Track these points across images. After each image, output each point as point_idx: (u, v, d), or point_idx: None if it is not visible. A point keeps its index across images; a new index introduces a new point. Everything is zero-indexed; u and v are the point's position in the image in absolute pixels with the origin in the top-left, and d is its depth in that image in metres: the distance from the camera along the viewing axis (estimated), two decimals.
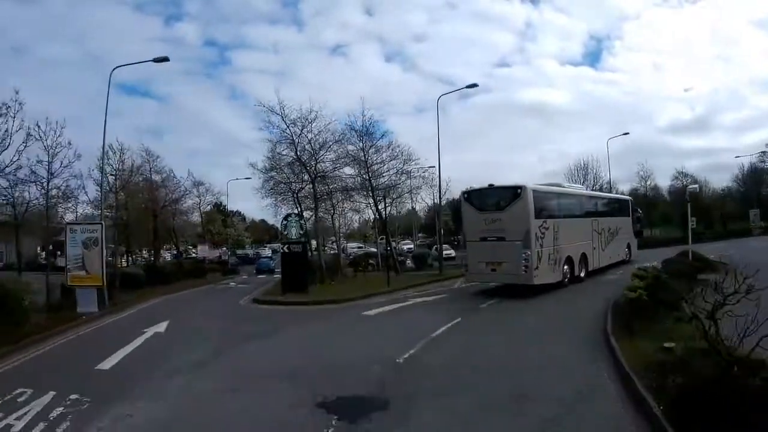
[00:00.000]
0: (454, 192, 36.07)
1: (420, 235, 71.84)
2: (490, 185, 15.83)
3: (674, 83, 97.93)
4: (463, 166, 70.17)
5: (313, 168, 23.56)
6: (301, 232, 20.06)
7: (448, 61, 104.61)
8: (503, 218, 14.79)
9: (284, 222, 20.41)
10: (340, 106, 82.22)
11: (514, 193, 14.79)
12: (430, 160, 28.28)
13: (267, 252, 56.90)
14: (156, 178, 33.76)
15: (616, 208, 21.90)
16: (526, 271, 14.37)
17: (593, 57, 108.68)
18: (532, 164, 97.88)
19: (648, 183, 47.36)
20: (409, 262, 33.37)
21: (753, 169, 49.76)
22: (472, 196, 16.14)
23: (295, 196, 26.09)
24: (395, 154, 25.90)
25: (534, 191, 14.97)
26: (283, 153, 24.10)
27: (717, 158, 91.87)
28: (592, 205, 19.73)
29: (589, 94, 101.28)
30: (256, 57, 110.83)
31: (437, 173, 27.59)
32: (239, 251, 58.59)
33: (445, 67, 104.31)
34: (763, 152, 47.80)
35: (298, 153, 23.30)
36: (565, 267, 16.08)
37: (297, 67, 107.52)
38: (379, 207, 26.77)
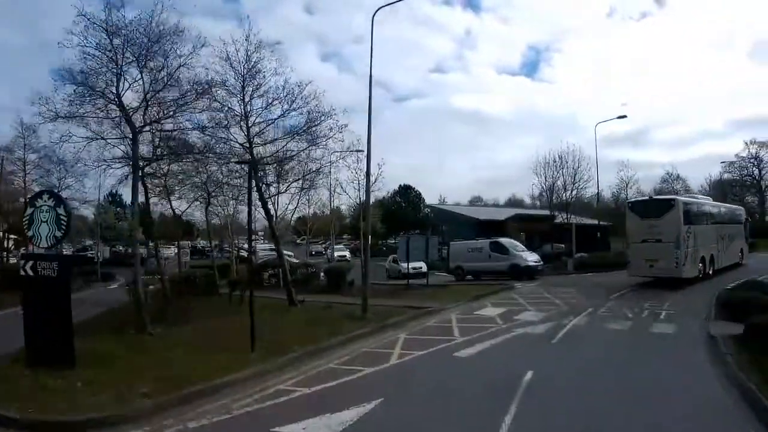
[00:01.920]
0: (383, 189, 29.78)
1: (345, 236, 62.80)
2: (650, 197, 22.80)
3: (612, 97, 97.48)
4: (394, 169, 69.39)
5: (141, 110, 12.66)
6: (59, 233, 8.96)
7: (385, 64, 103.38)
8: (660, 224, 17.65)
9: (30, 210, 9.25)
10: None
11: (669, 204, 18.37)
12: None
13: (170, 252, 45.65)
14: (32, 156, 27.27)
15: (733, 216, 23.95)
16: (677, 267, 17.13)
17: (531, 67, 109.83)
18: (464, 170, 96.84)
19: (630, 186, 41.27)
20: (323, 277, 23.12)
21: (720, 180, 49.09)
22: (635, 205, 19.91)
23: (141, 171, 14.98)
24: (298, 103, 15.54)
25: (684, 203, 18.62)
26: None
27: (651, 172, 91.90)
28: (718, 214, 21.93)
29: (525, 104, 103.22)
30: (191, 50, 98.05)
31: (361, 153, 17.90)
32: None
33: (381, 69, 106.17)
34: (731, 162, 48.89)
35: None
36: (700, 265, 18.34)
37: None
38: (265, 187, 16.18)
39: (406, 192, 56.78)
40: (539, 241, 28.46)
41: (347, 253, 43.10)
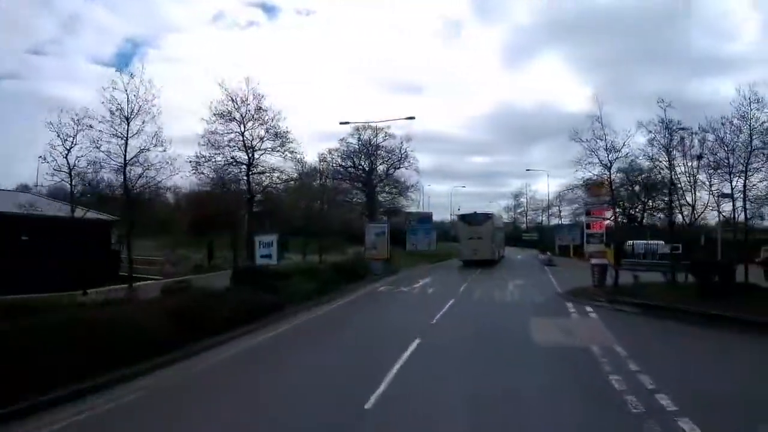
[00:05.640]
0: None
1: None
2: (475, 212, 35.19)
3: (208, 96, 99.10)
4: None
5: None
6: None
7: None
8: (480, 229, 32.20)
9: None
10: None
11: (487, 216, 34.48)
12: None
13: None
14: None
15: (502, 225, 47.24)
16: (492, 254, 31.89)
17: (123, 60, 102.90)
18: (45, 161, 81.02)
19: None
20: None
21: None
22: (464, 217, 34.68)
23: None
24: None
25: (494, 216, 37.45)
26: None
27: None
28: (498, 222, 39.95)
29: (114, 98, 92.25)
30: None
31: None
32: None
33: None
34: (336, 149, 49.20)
35: None
36: (497, 253, 34.71)
37: None
38: None
39: None
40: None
41: None
